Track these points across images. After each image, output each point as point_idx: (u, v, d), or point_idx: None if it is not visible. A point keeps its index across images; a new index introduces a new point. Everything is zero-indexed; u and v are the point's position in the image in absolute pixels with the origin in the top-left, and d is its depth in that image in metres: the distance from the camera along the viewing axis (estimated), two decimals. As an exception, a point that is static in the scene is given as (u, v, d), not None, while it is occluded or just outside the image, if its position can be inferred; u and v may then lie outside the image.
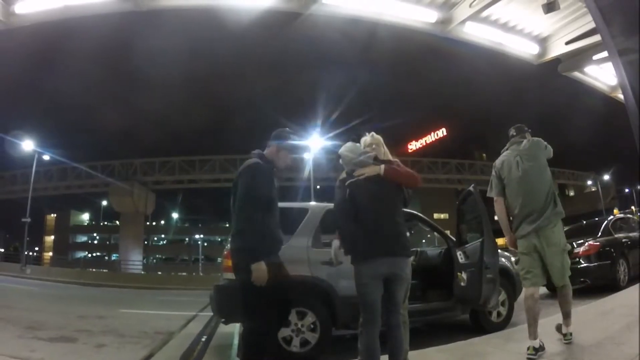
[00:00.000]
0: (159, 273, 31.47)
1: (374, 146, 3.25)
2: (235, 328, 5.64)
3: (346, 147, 3.19)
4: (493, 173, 3.74)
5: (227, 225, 40.66)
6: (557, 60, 8.65)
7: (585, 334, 3.59)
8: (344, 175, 3.14)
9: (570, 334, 3.47)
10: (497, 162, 3.75)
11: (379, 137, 3.36)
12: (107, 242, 55.63)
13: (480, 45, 7.99)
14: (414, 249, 5.90)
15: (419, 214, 5.98)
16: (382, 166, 2.99)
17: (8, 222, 38.31)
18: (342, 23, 8.10)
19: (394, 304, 2.84)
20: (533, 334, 3.28)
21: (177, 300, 8.93)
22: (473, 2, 6.85)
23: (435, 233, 5.72)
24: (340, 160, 3.20)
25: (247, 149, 3.43)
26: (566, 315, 3.51)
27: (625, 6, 2.25)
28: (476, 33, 7.72)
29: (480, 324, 5.10)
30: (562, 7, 6.61)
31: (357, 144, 3.26)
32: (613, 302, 5.08)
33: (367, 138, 3.34)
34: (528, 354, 3.21)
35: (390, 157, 3.29)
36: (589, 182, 44.15)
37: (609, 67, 8.15)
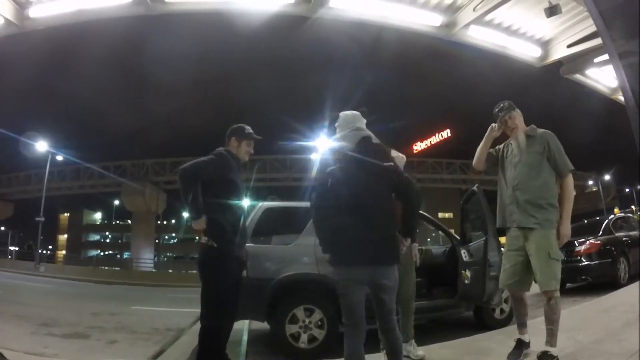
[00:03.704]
0: (170, 271, 31.68)
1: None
2: (245, 325, 5.74)
3: (344, 116, 2.85)
4: None
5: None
6: (559, 63, 8.60)
7: (586, 330, 3.62)
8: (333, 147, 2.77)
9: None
10: None
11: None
12: (119, 241, 56.21)
13: (484, 48, 7.98)
14: (420, 247, 5.97)
15: (424, 213, 6.04)
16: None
17: (22, 221, 38.89)
18: (349, 26, 8.17)
19: (384, 312, 2.55)
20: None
21: (187, 297, 9.03)
22: (477, 6, 6.86)
23: (440, 232, 5.76)
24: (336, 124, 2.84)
25: (255, 149, 3.55)
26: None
27: (625, 10, 2.25)
28: (480, 36, 7.73)
29: (483, 321, 5.14)
30: (564, 11, 6.61)
31: (360, 115, 2.89)
32: (614, 299, 5.10)
33: None
34: None
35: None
36: (590, 182, 43.55)
37: (609, 69, 8.09)
